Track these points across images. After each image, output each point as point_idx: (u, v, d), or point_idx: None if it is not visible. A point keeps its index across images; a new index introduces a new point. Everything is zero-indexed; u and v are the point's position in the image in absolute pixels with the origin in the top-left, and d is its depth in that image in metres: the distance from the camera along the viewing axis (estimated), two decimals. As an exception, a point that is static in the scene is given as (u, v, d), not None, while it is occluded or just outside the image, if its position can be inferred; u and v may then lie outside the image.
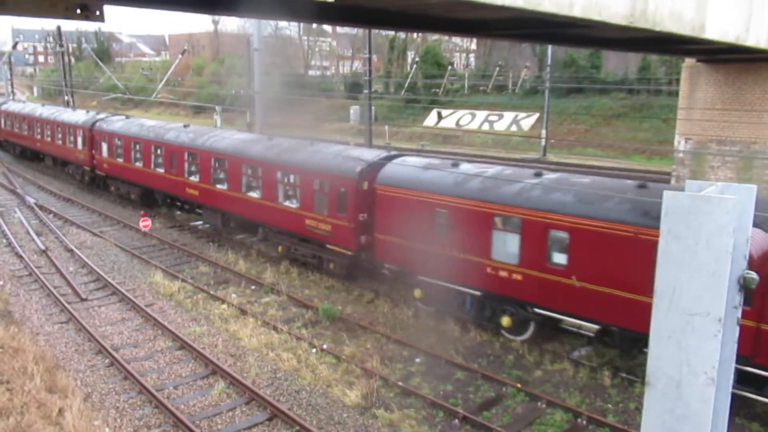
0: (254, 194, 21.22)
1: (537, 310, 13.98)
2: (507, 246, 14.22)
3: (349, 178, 17.48)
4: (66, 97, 50.66)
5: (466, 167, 16.16)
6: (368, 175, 17.32)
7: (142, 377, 12.74)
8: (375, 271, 17.80)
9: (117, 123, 30.78)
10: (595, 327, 13.08)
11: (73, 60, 75.13)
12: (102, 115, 34.09)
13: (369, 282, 18.29)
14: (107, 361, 13.72)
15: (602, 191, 13.14)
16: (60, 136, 35.55)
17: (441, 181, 15.56)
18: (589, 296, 12.92)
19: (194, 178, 24.23)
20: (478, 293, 14.96)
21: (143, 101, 69.77)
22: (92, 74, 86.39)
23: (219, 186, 22.91)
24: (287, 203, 19.87)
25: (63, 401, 11.36)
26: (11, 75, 66.52)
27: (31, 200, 29.76)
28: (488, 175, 15.15)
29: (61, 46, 52.02)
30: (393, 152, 19.32)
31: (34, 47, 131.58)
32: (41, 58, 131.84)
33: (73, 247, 22.02)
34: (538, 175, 14.77)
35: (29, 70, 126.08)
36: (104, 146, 30.38)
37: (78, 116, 35.01)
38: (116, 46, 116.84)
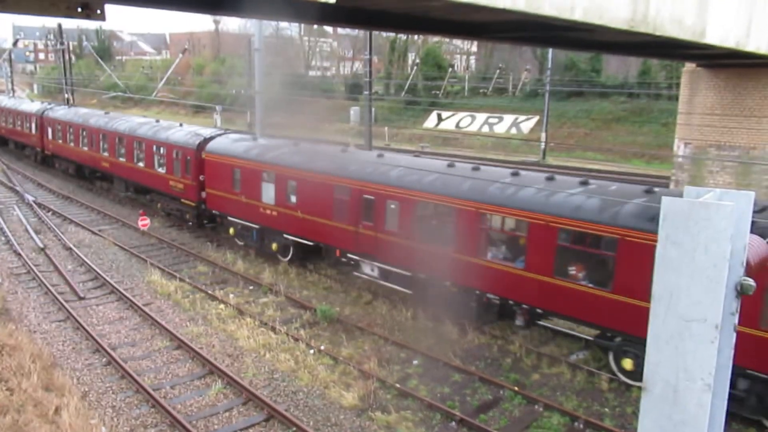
0: (141, 164, 27.16)
1: (286, 236, 19.67)
2: (269, 192, 19.97)
3: (191, 149, 23.63)
4: (66, 95, 50.65)
5: (261, 141, 22.35)
6: (205, 146, 23.17)
7: (139, 376, 12.72)
8: (212, 217, 23.77)
9: (59, 111, 37.36)
10: (310, 243, 18.91)
11: (73, 58, 75.09)
12: (50, 105, 40.76)
13: (216, 234, 23.76)
14: (104, 359, 13.71)
15: (319, 153, 19.11)
16: (19, 123, 42.07)
17: (238, 150, 21.60)
18: (309, 224, 18.71)
19: (106, 154, 30.40)
20: (257, 227, 20.69)
21: (143, 100, 69.75)
22: (93, 72, 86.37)
23: (121, 159, 29.01)
24: (159, 169, 25.76)
25: (60, 400, 11.35)
26: (11, 72, 66.50)
27: (30, 198, 29.75)
28: (263, 145, 21.48)
29: (62, 43, 51.98)
30: (226, 130, 26.03)
31: (35, 45, 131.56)
32: (42, 56, 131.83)
33: (71, 246, 22.01)
34: (295, 144, 20.54)
35: (30, 67, 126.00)
36: (50, 130, 37.00)
37: (33, 106, 41.75)
38: (117, 44, 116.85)
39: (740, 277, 2.20)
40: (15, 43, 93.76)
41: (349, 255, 17.60)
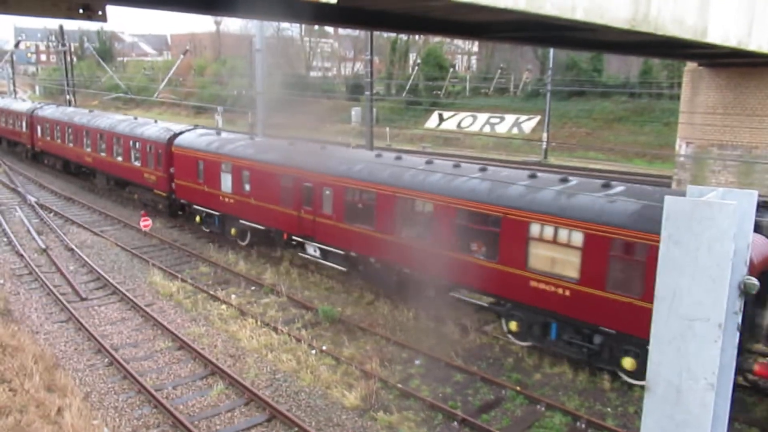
0: (120, 158, 29.26)
1: (242, 222, 21.58)
2: (227, 182, 21.95)
3: (162, 143, 25.61)
4: (68, 96, 50.73)
5: (223, 135, 24.57)
6: (174, 141, 25.14)
7: (141, 377, 12.73)
8: (182, 207, 25.57)
9: (48, 110, 39.70)
10: (262, 228, 20.89)
11: (75, 59, 75.16)
12: (39, 105, 43.39)
13: (183, 219, 25.06)
14: (106, 360, 13.72)
15: (268, 146, 21.67)
16: (11, 122, 44.52)
17: (201, 144, 23.73)
18: (260, 210, 20.65)
19: (89, 149, 32.48)
20: (218, 214, 22.81)
21: (145, 101, 69.80)
22: (94, 73, 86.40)
23: (102, 154, 31.06)
24: (135, 163, 27.83)
25: (62, 400, 11.35)
26: (13, 74, 66.60)
27: (31, 199, 29.78)
28: (223, 138, 23.60)
29: (64, 45, 52.07)
30: (196, 126, 28.14)
31: (37, 46, 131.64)
32: (43, 57, 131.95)
33: (73, 246, 22.03)
34: (251, 138, 23.68)
35: (31, 68, 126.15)
36: (39, 128, 39.35)
37: (23, 106, 44.67)
38: (118, 45, 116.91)
39: (743, 276, 2.19)
40: (17, 45, 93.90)
41: (294, 237, 19.75)
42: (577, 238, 12.56)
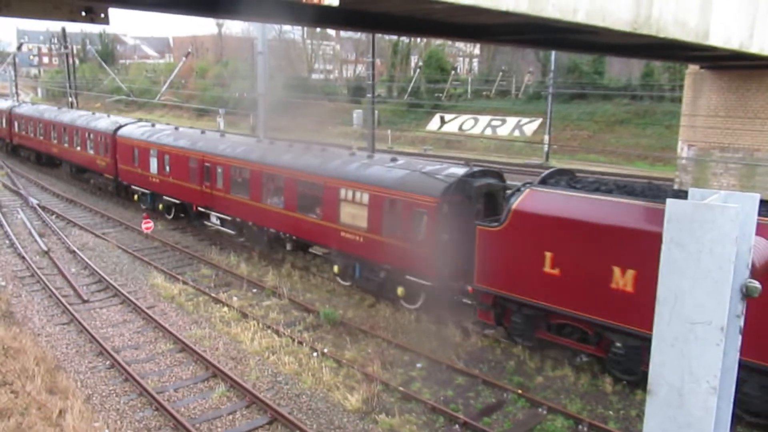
0: (78, 148, 33.59)
1: (165, 198, 26.10)
2: (154, 165, 26.19)
3: (109, 134, 30.04)
4: (70, 99, 50.81)
5: (157, 126, 29.03)
6: (118, 131, 29.45)
7: (142, 379, 12.73)
8: (126, 189, 29.67)
9: (24, 108, 44.78)
10: (178, 202, 25.51)
11: (77, 62, 75.26)
12: (17, 103, 48.95)
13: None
14: (108, 362, 13.72)
15: (182, 134, 26.42)
16: None
17: (137, 134, 28.19)
18: (176, 187, 25.20)
19: (55, 141, 37.10)
20: (149, 192, 27.13)
21: (147, 103, 69.85)
22: (96, 76, 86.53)
23: (65, 145, 35.47)
24: (90, 151, 32.27)
25: (64, 402, 11.36)
26: (15, 76, 66.71)
27: (33, 201, 29.82)
28: (153, 129, 27.98)
29: (66, 47, 52.17)
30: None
31: (39, 48, 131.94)
32: (46, 60, 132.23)
33: (75, 249, 22.05)
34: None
35: (34, 71, 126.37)
36: (16, 124, 44.26)
37: (3, 104, 49.26)
38: (120, 48, 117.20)
39: (745, 279, 2.18)
40: (19, 47, 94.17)
41: (199, 208, 23.99)
42: (366, 197, 16.72)
